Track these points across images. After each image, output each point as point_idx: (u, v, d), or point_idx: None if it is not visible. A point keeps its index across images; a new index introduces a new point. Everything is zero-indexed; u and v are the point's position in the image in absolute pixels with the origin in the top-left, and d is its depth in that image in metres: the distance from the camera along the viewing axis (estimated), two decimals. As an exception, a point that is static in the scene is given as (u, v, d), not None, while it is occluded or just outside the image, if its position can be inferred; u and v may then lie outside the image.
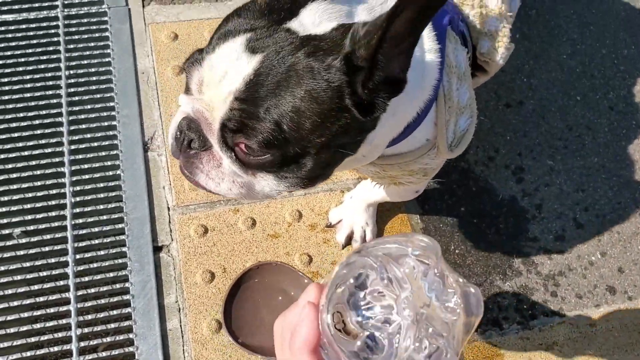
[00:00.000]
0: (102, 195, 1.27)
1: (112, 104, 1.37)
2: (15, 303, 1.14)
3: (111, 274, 1.19)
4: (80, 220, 1.24)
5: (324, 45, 0.62)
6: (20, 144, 1.29)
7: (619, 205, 1.42)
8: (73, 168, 1.28)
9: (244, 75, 0.62)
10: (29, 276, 1.17)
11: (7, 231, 1.21)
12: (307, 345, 0.43)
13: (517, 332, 1.24)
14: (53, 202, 1.24)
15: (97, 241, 1.22)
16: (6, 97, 1.34)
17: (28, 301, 1.15)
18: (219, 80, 0.63)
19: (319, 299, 0.46)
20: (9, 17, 1.44)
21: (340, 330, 0.44)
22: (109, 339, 1.13)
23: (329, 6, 0.66)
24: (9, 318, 1.13)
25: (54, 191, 1.26)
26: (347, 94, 0.61)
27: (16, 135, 1.30)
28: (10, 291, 1.15)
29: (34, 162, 1.28)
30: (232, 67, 0.62)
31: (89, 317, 1.15)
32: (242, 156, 0.66)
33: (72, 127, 1.33)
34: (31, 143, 1.29)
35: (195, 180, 0.71)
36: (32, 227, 1.21)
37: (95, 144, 1.32)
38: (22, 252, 1.19)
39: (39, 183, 1.26)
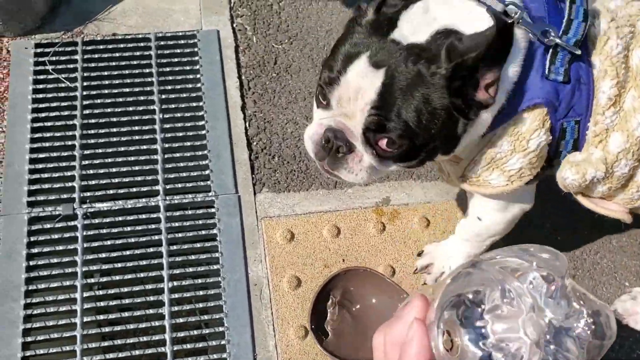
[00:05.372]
0: None
1: (221, 328, 1.19)
2: None
3: None
4: None
5: (425, 54, 0.78)
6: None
7: None
8: (179, 419, 1.11)
9: (375, 89, 0.79)
10: None
11: None
12: None
13: None
14: None
15: None
16: (112, 291, 1.18)
17: None
18: (355, 95, 0.80)
19: (426, 314, 0.43)
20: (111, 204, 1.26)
21: (448, 350, 0.41)
22: None
23: (418, 14, 0.82)
24: None
25: None
26: (448, 96, 0.78)
27: (118, 328, 1.13)
28: None
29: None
30: (363, 83, 0.80)
31: None
32: (380, 151, 0.84)
33: (178, 361, 1.15)
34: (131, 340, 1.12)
35: (336, 174, 0.89)
36: None
37: (204, 385, 1.14)
38: None
39: None
